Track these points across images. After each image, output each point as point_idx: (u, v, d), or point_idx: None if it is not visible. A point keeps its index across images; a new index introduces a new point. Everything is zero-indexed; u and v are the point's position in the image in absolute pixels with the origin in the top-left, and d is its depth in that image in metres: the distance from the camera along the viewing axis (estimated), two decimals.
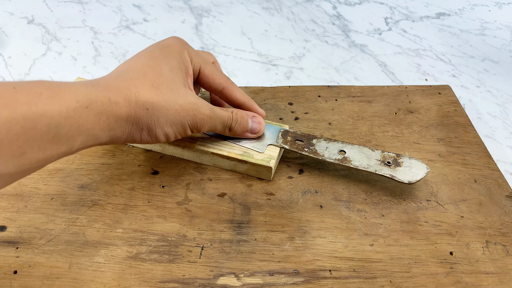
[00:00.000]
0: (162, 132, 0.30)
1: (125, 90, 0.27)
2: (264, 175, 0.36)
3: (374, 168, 0.34)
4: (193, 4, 0.66)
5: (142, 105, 0.28)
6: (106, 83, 0.27)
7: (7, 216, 0.33)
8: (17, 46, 0.55)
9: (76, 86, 0.25)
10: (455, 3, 0.69)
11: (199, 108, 0.31)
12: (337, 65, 0.54)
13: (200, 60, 0.34)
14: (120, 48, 0.56)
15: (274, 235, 0.32)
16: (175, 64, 0.31)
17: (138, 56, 0.31)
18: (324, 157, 0.35)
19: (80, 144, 0.25)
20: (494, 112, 0.48)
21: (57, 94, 0.23)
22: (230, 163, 0.36)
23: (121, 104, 0.27)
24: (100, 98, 0.26)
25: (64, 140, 0.24)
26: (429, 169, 0.34)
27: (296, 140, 0.36)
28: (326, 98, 0.45)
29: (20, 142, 0.22)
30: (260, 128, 0.36)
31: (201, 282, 0.29)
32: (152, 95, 0.28)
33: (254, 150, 0.35)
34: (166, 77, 0.30)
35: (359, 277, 0.30)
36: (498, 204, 0.35)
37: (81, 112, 0.24)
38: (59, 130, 0.23)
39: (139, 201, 0.34)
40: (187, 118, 0.30)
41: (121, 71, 0.30)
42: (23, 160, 0.22)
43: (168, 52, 0.31)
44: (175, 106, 0.29)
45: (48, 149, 0.23)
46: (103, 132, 0.27)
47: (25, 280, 0.29)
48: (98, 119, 0.26)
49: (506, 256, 0.31)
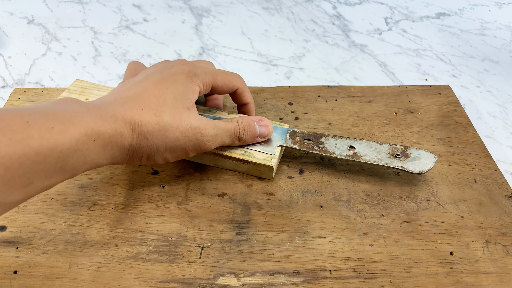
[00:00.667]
0: (161, 158, 0.31)
1: (130, 120, 0.28)
2: (265, 174, 0.36)
3: (385, 161, 0.34)
4: (193, 4, 0.66)
5: (143, 135, 0.29)
6: (113, 113, 0.28)
7: (7, 216, 0.33)
8: (17, 46, 0.55)
9: (86, 118, 0.26)
10: (455, 3, 0.69)
11: (202, 131, 0.31)
12: (337, 65, 0.55)
13: (210, 77, 0.34)
14: (120, 48, 0.56)
15: (274, 235, 0.32)
16: (180, 90, 0.31)
17: (147, 84, 0.31)
18: (335, 154, 0.35)
19: (83, 171, 0.27)
20: (494, 112, 0.48)
21: (68, 127, 0.24)
22: (231, 163, 0.36)
23: (125, 135, 0.28)
24: (108, 130, 0.27)
25: (70, 170, 0.25)
26: (437, 158, 0.34)
27: (304, 140, 0.36)
28: (326, 98, 0.45)
29: (30, 175, 0.23)
30: (269, 131, 0.35)
31: (201, 282, 0.29)
32: (153, 125, 0.29)
33: (264, 152, 0.35)
34: (169, 105, 0.30)
35: (359, 277, 0.30)
36: (498, 204, 0.35)
37: (88, 145, 0.25)
38: (67, 162, 0.24)
39: (139, 201, 0.34)
40: (189, 144, 0.31)
41: (128, 98, 0.30)
42: (30, 189, 0.23)
43: (175, 80, 0.32)
44: (175, 133, 0.30)
45: (53, 178, 0.24)
46: (106, 160, 0.28)
47: (25, 280, 0.29)
48: (103, 150, 0.27)
49: (506, 256, 0.31)
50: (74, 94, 0.40)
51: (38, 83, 0.50)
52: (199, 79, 0.33)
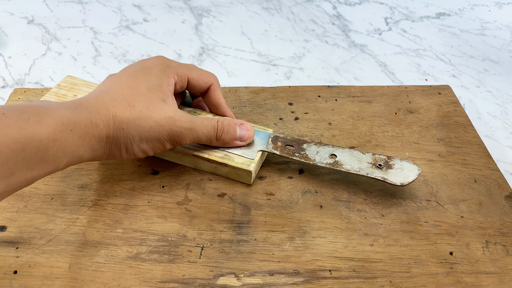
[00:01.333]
0: (139, 149, 0.31)
1: (104, 111, 0.29)
2: (244, 178, 0.35)
3: (365, 171, 0.34)
4: (193, 4, 0.66)
5: (118, 125, 0.29)
6: (87, 105, 0.29)
7: (7, 216, 0.33)
8: (17, 46, 0.55)
9: (61, 110, 0.27)
10: (455, 3, 0.69)
11: (176, 122, 0.31)
12: (337, 65, 0.55)
13: (185, 69, 0.35)
14: (120, 48, 0.56)
15: (274, 235, 0.32)
16: (154, 82, 0.32)
17: (120, 77, 0.32)
18: (315, 161, 0.35)
19: (65, 164, 0.27)
20: (494, 112, 0.48)
21: (44, 118, 0.25)
22: (210, 165, 0.36)
23: (101, 126, 0.28)
24: (83, 121, 0.27)
25: (51, 161, 0.26)
26: (420, 170, 0.34)
27: (286, 145, 0.36)
28: (326, 98, 0.45)
29: (10, 164, 0.23)
30: (249, 135, 0.35)
31: (201, 282, 0.29)
32: (127, 114, 0.29)
33: (244, 156, 0.35)
34: (143, 95, 0.31)
35: (359, 277, 0.30)
36: (498, 204, 0.35)
37: (66, 135, 0.26)
38: (47, 152, 0.25)
39: (139, 201, 0.34)
40: (163, 133, 0.31)
41: (102, 92, 0.31)
42: (11, 180, 0.24)
43: (148, 73, 0.32)
44: (149, 122, 0.30)
45: (35, 169, 0.25)
46: (86, 152, 0.28)
47: (25, 280, 0.29)
48: (81, 141, 0.27)
49: (506, 256, 0.31)
50: (64, 90, 0.40)
51: (38, 83, 0.50)
52: (173, 70, 0.33)
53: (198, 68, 0.36)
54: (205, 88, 0.36)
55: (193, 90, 0.37)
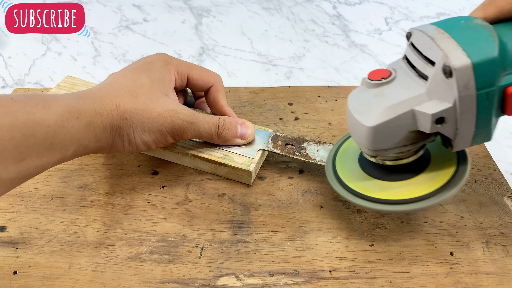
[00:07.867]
0: (141, 141, 0.31)
1: (108, 101, 0.29)
2: (244, 179, 0.35)
3: None
4: (193, 4, 0.66)
5: (122, 115, 0.30)
6: (91, 96, 0.29)
7: (7, 217, 0.33)
8: (17, 46, 0.55)
9: (66, 98, 0.27)
10: (455, 3, 0.69)
11: (178, 114, 0.31)
12: (337, 65, 0.55)
13: (186, 68, 0.35)
14: (120, 48, 0.56)
15: (274, 236, 0.32)
16: (157, 76, 0.32)
17: (123, 71, 0.33)
18: (316, 160, 0.35)
19: (72, 153, 0.27)
20: None
21: (51, 105, 0.26)
22: (210, 166, 0.36)
23: (105, 115, 0.29)
24: (88, 109, 0.28)
25: (59, 148, 0.26)
26: None
27: (286, 144, 0.36)
28: (326, 98, 0.45)
29: (21, 149, 0.23)
30: (250, 134, 0.35)
31: (201, 283, 0.29)
32: (130, 105, 0.30)
33: (244, 156, 0.35)
34: (146, 87, 0.31)
35: (359, 278, 0.30)
36: (498, 204, 0.35)
37: (73, 122, 0.26)
38: (55, 139, 0.25)
39: (139, 201, 0.34)
40: (165, 125, 0.31)
41: (105, 84, 0.31)
42: (22, 166, 0.24)
43: (150, 67, 0.33)
44: (152, 114, 0.30)
45: (44, 156, 0.25)
46: (91, 142, 0.29)
47: (25, 281, 0.29)
48: (87, 129, 0.28)
49: (506, 257, 0.31)
50: (64, 90, 0.40)
51: (38, 83, 0.50)
52: (173, 67, 0.34)
53: (201, 67, 0.36)
54: (205, 88, 0.36)
55: (194, 89, 0.37)
